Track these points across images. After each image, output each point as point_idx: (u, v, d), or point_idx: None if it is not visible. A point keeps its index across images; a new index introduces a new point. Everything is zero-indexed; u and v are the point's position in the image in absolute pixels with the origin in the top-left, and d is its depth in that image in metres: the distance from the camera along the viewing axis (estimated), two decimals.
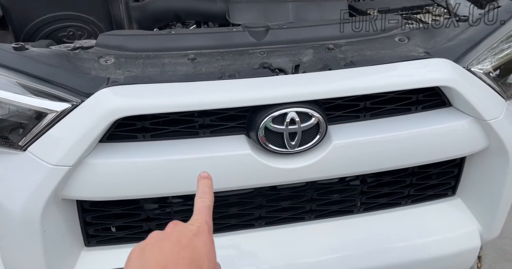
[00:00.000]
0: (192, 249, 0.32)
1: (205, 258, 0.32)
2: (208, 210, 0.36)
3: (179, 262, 0.30)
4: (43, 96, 0.57)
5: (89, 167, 0.58)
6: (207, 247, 0.33)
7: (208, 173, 0.39)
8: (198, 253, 0.32)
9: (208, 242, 0.33)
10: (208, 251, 0.33)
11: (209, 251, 0.33)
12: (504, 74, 0.71)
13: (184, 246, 0.31)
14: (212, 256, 0.33)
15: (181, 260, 0.30)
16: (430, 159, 0.71)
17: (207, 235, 0.34)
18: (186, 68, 0.66)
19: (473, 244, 0.75)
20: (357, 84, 0.63)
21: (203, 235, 0.33)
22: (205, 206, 0.36)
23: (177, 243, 0.32)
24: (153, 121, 0.61)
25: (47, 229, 0.58)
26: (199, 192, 0.38)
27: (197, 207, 0.36)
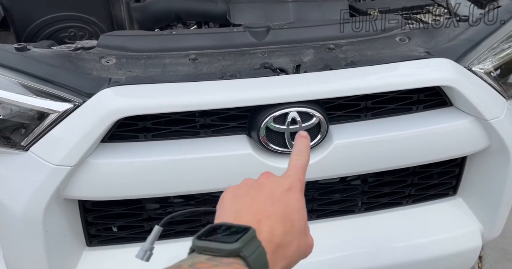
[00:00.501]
0: (285, 204, 0.31)
1: (296, 215, 0.31)
2: (303, 169, 0.35)
3: (272, 216, 0.30)
4: (45, 96, 0.57)
5: (91, 167, 0.58)
6: (299, 204, 0.32)
7: (306, 132, 0.38)
8: (290, 209, 0.31)
9: (300, 199, 0.32)
10: (299, 208, 0.32)
11: (300, 208, 0.32)
12: (505, 73, 0.71)
13: (277, 199, 0.31)
14: (303, 214, 0.32)
15: (273, 214, 0.30)
16: (431, 159, 0.71)
17: (299, 192, 0.33)
18: (187, 68, 0.67)
19: (474, 244, 0.75)
20: (358, 84, 0.63)
21: (295, 192, 0.33)
22: (301, 164, 0.35)
23: (270, 196, 0.31)
24: (154, 121, 0.61)
25: (49, 229, 0.58)
26: (296, 150, 0.37)
27: (292, 164, 0.35)
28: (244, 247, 0.26)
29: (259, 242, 0.28)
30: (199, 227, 0.70)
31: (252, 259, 0.26)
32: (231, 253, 0.26)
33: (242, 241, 0.27)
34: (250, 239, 0.27)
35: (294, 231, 0.31)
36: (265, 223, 0.29)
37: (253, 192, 0.32)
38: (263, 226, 0.29)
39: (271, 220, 0.30)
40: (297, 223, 0.31)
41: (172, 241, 0.69)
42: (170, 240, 0.70)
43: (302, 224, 0.32)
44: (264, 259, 0.27)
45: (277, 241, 0.29)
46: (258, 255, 0.27)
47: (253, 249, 0.27)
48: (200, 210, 0.34)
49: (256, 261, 0.27)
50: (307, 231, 0.33)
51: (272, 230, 0.29)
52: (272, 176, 0.34)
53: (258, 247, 0.27)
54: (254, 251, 0.27)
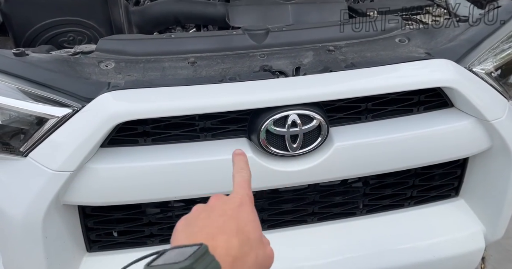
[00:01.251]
0: (237, 219, 0.32)
1: (250, 226, 0.32)
2: (248, 184, 0.37)
3: (226, 231, 0.31)
4: (44, 101, 0.57)
5: (90, 172, 0.58)
6: (252, 217, 0.33)
7: (241, 150, 0.40)
8: (243, 222, 0.32)
9: (251, 212, 0.34)
10: (252, 220, 0.33)
11: (253, 220, 0.33)
12: (505, 74, 0.70)
13: (229, 216, 0.32)
14: (257, 225, 0.33)
15: (228, 229, 0.31)
16: (433, 160, 0.71)
17: (250, 206, 0.34)
18: (186, 71, 0.66)
19: (477, 245, 0.74)
20: (359, 86, 0.62)
21: (246, 206, 0.34)
22: (245, 180, 0.37)
23: (222, 214, 0.32)
24: (154, 125, 0.61)
25: (48, 235, 0.58)
26: (237, 168, 0.38)
27: (236, 182, 0.37)
28: (195, 263, 0.26)
29: (212, 257, 0.28)
30: None
31: None
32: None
33: (193, 257, 0.27)
34: (202, 255, 0.27)
35: (251, 243, 0.31)
36: (219, 238, 0.30)
37: (205, 214, 0.33)
38: (218, 242, 0.30)
39: (226, 235, 0.30)
40: (252, 234, 0.32)
41: None
42: None
43: (258, 235, 0.33)
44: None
45: (233, 254, 0.29)
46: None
47: (206, 263, 0.27)
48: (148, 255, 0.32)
49: None
50: (264, 242, 0.33)
51: (228, 244, 0.30)
52: (221, 196, 0.35)
53: (211, 261, 0.27)
54: (207, 265, 0.27)
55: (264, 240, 0.34)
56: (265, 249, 0.33)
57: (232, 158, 0.40)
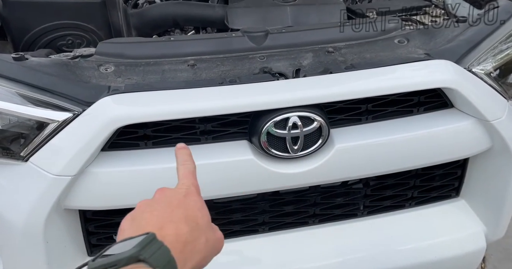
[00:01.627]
0: (185, 208, 0.32)
1: (198, 213, 0.32)
2: (193, 175, 0.37)
3: (174, 220, 0.31)
4: (44, 106, 0.57)
5: (91, 176, 0.57)
6: (198, 204, 0.33)
7: (184, 144, 0.41)
8: (191, 210, 0.32)
9: (198, 200, 0.34)
10: (200, 207, 0.33)
11: (201, 207, 0.33)
12: (505, 74, 0.71)
13: (176, 206, 0.32)
14: (205, 212, 0.33)
15: (175, 217, 0.31)
16: (433, 161, 0.71)
17: (196, 195, 0.34)
18: (186, 74, 0.66)
19: (478, 245, 0.74)
20: (359, 87, 0.62)
21: (192, 196, 0.34)
22: (190, 171, 0.37)
23: (168, 205, 0.32)
24: (154, 128, 0.61)
25: (49, 239, 0.58)
26: (180, 160, 0.39)
27: (181, 174, 0.37)
28: (142, 250, 0.26)
29: (160, 243, 0.28)
30: None
31: (153, 259, 0.26)
32: (130, 260, 0.26)
33: (139, 245, 0.26)
34: (148, 242, 0.27)
35: (200, 228, 0.32)
36: (168, 227, 0.30)
37: (150, 208, 0.32)
38: (167, 230, 0.29)
39: (174, 223, 0.30)
40: (201, 220, 0.32)
41: None
42: None
43: (206, 220, 0.33)
44: (167, 256, 0.27)
45: (183, 239, 0.30)
46: (160, 254, 0.27)
47: (154, 249, 0.27)
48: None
49: (158, 259, 0.26)
50: (213, 227, 0.34)
51: (177, 231, 0.30)
52: (166, 189, 0.35)
53: (159, 247, 0.27)
54: (155, 251, 0.27)
55: (213, 226, 0.34)
56: (215, 233, 0.34)
57: (175, 153, 0.40)
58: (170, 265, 0.27)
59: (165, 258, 0.27)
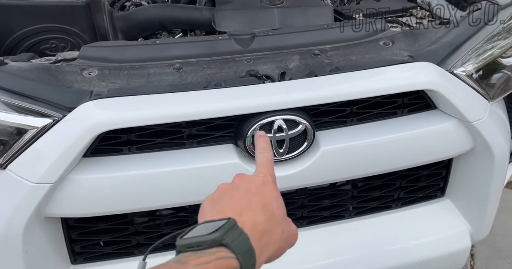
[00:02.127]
0: (262, 196, 0.33)
1: (274, 204, 0.34)
2: (270, 164, 0.38)
3: (252, 207, 0.32)
4: (23, 112, 0.56)
5: (72, 183, 0.56)
6: (275, 194, 0.35)
7: (263, 132, 0.42)
8: (268, 200, 0.33)
9: (275, 190, 0.35)
10: (276, 198, 0.34)
11: (277, 198, 0.35)
12: (486, 75, 0.72)
13: (254, 194, 0.33)
14: (280, 203, 0.35)
15: (253, 206, 0.32)
16: (418, 162, 0.72)
17: (273, 185, 0.36)
18: (172, 77, 0.66)
19: (463, 244, 0.76)
20: (343, 90, 0.63)
21: (269, 185, 0.35)
22: (267, 160, 0.38)
23: (246, 192, 0.34)
24: (138, 133, 0.60)
25: (29, 249, 0.56)
26: (260, 148, 0.39)
27: (259, 162, 0.38)
28: (225, 235, 0.28)
29: (240, 229, 0.29)
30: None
31: (234, 244, 0.28)
32: (213, 243, 0.28)
33: (222, 230, 0.28)
34: (230, 228, 0.28)
35: (276, 218, 0.33)
36: (246, 214, 0.31)
37: (230, 193, 0.34)
38: (245, 217, 0.31)
39: (252, 211, 0.32)
40: (277, 211, 0.33)
41: (163, 254, 0.68)
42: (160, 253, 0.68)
43: (281, 212, 0.34)
44: (247, 243, 0.29)
45: (260, 229, 0.31)
46: (240, 241, 0.28)
47: (235, 236, 0.28)
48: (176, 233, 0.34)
49: (239, 245, 0.28)
50: (288, 219, 0.35)
51: (255, 219, 0.31)
52: (245, 176, 0.37)
53: (240, 234, 0.29)
54: (236, 237, 0.28)
55: (288, 219, 0.35)
56: (290, 226, 0.35)
57: (255, 140, 0.41)
58: (249, 253, 0.28)
59: (245, 245, 0.28)
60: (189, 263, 0.26)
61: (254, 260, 0.29)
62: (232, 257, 0.27)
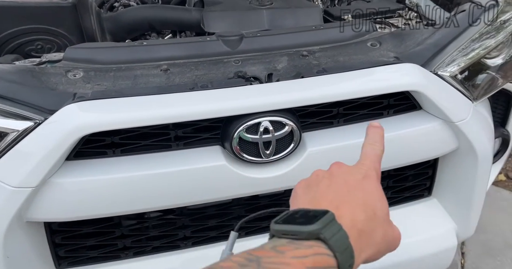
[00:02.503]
0: (363, 191, 0.29)
1: (377, 203, 0.29)
2: (378, 158, 0.33)
3: (350, 201, 0.28)
4: (4, 115, 0.55)
5: (55, 187, 0.56)
6: (379, 193, 0.30)
7: (378, 123, 0.36)
8: (370, 197, 0.29)
9: (379, 188, 0.30)
10: (380, 197, 0.29)
11: (381, 197, 0.30)
12: (470, 76, 0.73)
13: (353, 187, 0.29)
14: (384, 204, 0.29)
15: (352, 200, 0.28)
16: (404, 162, 0.72)
17: (376, 181, 0.31)
18: (159, 79, 0.65)
19: (450, 243, 0.76)
20: (329, 91, 0.63)
21: (372, 180, 0.30)
22: (376, 153, 0.33)
23: (344, 184, 0.30)
24: (123, 135, 0.60)
25: (10, 254, 0.55)
26: (370, 139, 0.35)
27: (365, 153, 0.33)
28: (323, 229, 0.25)
29: (339, 225, 0.26)
30: (175, 241, 0.69)
31: (333, 241, 0.25)
32: (310, 235, 0.25)
33: (321, 222, 0.25)
34: (329, 222, 0.26)
35: (377, 219, 0.28)
36: (344, 208, 0.27)
37: (326, 181, 0.30)
38: (342, 211, 0.27)
39: (350, 205, 0.28)
40: (379, 211, 0.29)
41: (150, 257, 0.68)
42: (147, 256, 0.68)
43: (385, 213, 0.29)
44: (346, 242, 0.26)
45: (359, 227, 0.27)
46: (339, 238, 0.25)
47: (334, 231, 0.25)
48: (270, 211, 0.32)
49: (338, 243, 0.25)
50: (391, 222, 0.30)
51: (353, 216, 0.27)
52: (344, 165, 0.32)
53: (339, 230, 0.26)
54: (335, 233, 0.25)
55: (391, 221, 0.30)
56: (393, 229, 0.30)
57: (367, 130, 0.35)
58: (348, 252, 0.25)
59: (344, 244, 0.25)
60: (286, 254, 0.24)
61: (352, 261, 0.25)
62: (330, 254, 0.24)
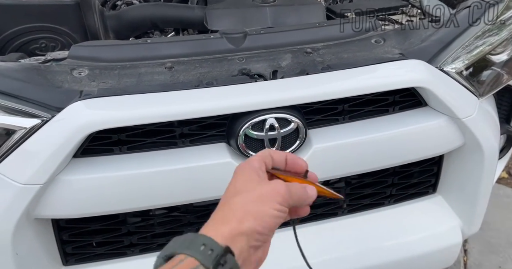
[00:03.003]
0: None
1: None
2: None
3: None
4: (11, 112, 0.55)
5: (63, 184, 0.56)
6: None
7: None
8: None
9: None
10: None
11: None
12: (475, 72, 0.73)
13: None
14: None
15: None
16: (410, 159, 0.72)
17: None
18: (163, 77, 0.65)
19: (455, 240, 0.76)
20: (334, 88, 0.63)
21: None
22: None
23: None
24: (129, 133, 0.60)
25: (19, 251, 0.56)
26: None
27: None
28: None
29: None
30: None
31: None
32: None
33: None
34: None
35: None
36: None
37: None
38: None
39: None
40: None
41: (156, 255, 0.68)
42: (154, 253, 0.68)
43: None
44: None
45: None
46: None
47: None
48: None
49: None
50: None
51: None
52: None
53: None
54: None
55: None
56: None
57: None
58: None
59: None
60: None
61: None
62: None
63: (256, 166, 0.35)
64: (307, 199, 0.36)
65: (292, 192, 0.34)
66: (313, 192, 0.37)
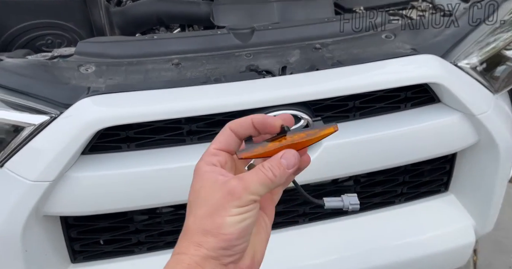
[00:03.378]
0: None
1: None
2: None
3: None
4: (20, 109, 0.55)
5: (71, 181, 0.55)
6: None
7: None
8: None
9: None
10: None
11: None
12: (490, 67, 0.71)
13: None
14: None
15: None
16: (422, 156, 0.71)
17: None
18: (170, 73, 0.65)
19: (468, 239, 0.75)
20: (345, 84, 0.62)
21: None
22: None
23: None
24: (137, 130, 0.59)
25: (29, 248, 0.56)
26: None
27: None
28: None
29: None
30: None
31: None
32: None
33: None
34: None
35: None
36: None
37: None
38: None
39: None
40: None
41: (164, 253, 0.68)
42: (161, 251, 0.68)
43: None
44: None
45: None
46: None
47: None
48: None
49: None
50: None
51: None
52: None
53: None
54: None
55: None
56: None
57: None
58: None
59: None
60: None
61: None
62: None
63: (205, 169, 0.29)
64: (284, 173, 0.28)
65: (254, 182, 0.27)
66: (291, 159, 0.29)
